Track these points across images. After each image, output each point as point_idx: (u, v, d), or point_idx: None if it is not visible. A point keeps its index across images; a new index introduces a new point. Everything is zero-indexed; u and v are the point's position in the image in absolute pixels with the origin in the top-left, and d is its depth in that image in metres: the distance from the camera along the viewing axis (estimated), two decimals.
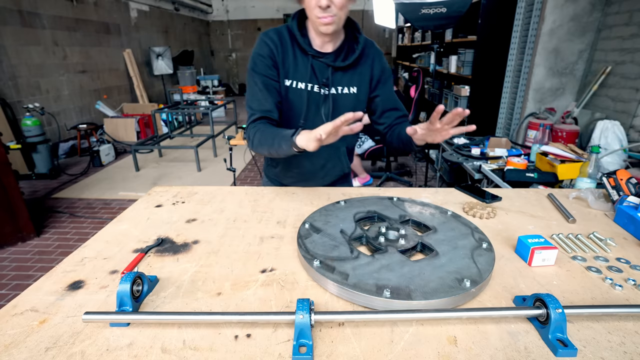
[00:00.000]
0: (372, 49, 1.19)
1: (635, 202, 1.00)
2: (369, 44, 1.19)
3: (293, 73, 1.13)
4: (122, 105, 6.68)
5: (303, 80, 1.13)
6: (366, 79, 1.19)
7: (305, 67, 1.12)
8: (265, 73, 1.11)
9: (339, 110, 1.17)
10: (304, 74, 1.13)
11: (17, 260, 2.64)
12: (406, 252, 0.81)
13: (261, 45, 1.11)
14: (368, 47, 1.18)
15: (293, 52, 1.12)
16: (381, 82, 1.21)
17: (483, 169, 2.29)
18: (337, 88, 1.16)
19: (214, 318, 0.61)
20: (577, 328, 0.61)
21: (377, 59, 1.19)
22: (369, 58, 1.18)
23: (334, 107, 1.17)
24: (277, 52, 1.11)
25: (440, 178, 3.81)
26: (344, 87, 1.16)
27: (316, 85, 1.14)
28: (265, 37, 1.12)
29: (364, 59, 1.17)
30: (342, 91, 1.16)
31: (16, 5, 4.64)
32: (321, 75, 1.13)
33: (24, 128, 4.14)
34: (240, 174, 4.60)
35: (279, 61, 1.12)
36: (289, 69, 1.13)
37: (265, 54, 1.10)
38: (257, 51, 1.12)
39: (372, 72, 1.19)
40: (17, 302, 0.69)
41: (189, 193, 1.24)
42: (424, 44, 5.99)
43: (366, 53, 1.17)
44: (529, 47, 2.80)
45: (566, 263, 0.81)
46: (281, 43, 1.11)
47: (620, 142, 2.19)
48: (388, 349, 0.58)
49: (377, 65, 1.19)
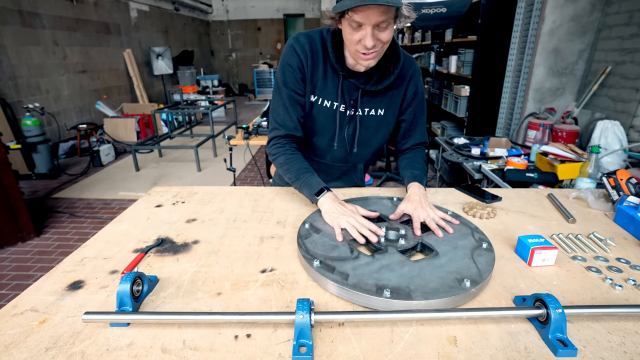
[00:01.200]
0: (411, 69, 1.10)
1: (635, 202, 1.00)
2: (407, 64, 1.09)
3: (321, 90, 1.06)
4: (122, 105, 6.68)
5: (330, 99, 1.07)
6: (397, 101, 1.11)
7: (334, 86, 1.05)
8: (293, 87, 1.05)
9: (362, 131, 1.12)
10: (332, 93, 1.06)
11: (17, 260, 2.64)
12: (406, 252, 0.81)
13: (291, 55, 1.04)
14: (406, 67, 1.09)
15: (324, 67, 1.05)
16: (412, 105, 1.13)
17: (483, 169, 2.29)
18: (364, 110, 1.09)
19: (214, 318, 0.61)
20: (577, 328, 0.61)
21: (413, 80, 1.10)
22: (405, 80, 1.09)
23: (359, 128, 1.11)
24: (307, 65, 1.04)
25: (440, 178, 3.81)
26: (372, 109, 1.10)
27: (342, 105, 1.08)
28: (296, 44, 1.04)
29: (399, 81, 1.09)
30: (368, 113, 1.10)
31: (16, 5, 4.64)
32: (349, 96, 1.07)
33: (24, 128, 4.14)
34: (240, 174, 4.60)
35: (308, 74, 1.05)
36: (317, 84, 1.06)
37: (295, 66, 1.03)
38: (287, 60, 1.04)
39: (406, 95, 1.11)
40: (17, 302, 0.69)
41: (189, 193, 1.24)
42: (424, 44, 5.99)
43: (403, 74, 1.08)
44: (529, 47, 2.80)
45: (566, 263, 0.81)
46: (312, 54, 1.04)
47: (620, 142, 2.19)
48: (388, 349, 0.58)
49: (412, 87, 1.11)
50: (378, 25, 0.86)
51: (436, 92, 4.85)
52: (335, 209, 0.92)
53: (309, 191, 1.01)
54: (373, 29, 0.86)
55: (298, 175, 1.04)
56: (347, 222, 0.88)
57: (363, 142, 1.14)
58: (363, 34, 0.87)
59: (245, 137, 3.21)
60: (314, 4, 11.21)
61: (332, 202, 0.95)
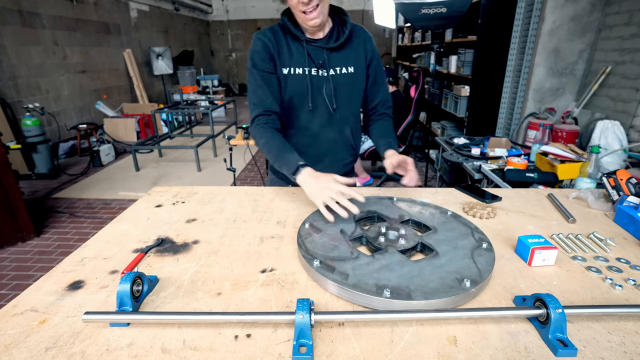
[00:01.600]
0: (362, 32, 1.25)
1: (635, 202, 1.00)
2: (357, 28, 1.24)
3: (289, 60, 1.17)
4: (122, 105, 6.68)
5: (300, 66, 1.17)
6: (361, 58, 1.23)
7: (301, 53, 1.17)
8: (263, 68, 1.16)
9: (339, 90, 1.21)
10: (300, 59, 1.17)
11: (17, 260, 2.64)
12: (406, 252, 0.81)
13: (256, 43, 1.17)
14: (357, 30, 1.24)
15: (286, 42, 1.17)
16: (373, 62, 1.27)
17: (483, 169, 2.29)
18: (335, 69, 1.20)
19: (214, 318, 0.61)
20: (577, 328, 0.61)
21: (369, 42, 1.25)
22: (361, 40, 1.23)
23: (334, 88, 1.21)
24: (272, 45, 1.15)
25: (440, 178, 3.81)
26: (342, 67, 1.20)
27: (314, 68, 1.18)
28: (259, 34, 1.18)
29: (356, 40, 1.22)
30: (340, 71, 1.20)
31: (16, 5, 4.64)
32: (317, 58, 1.18)
33: (24, 128, 4.14)
34: (240, 174, 4.60)
35: (275, 53, 1.16)
36: (285, 57, 1.17)
37: (261, 49, 1.15)
38: (253, 48, 1.18)
39: (366, 53, 1.24)
40: (17, 302, 0.69)
41: (189, 193, 1.24)
42: (424, 44, 5.99)
43: (356, 35, 1.22)
44: (529, 47, 2.80)
45: (566, 263, 0.81)
46: (274, 37, 1.16)
47: (620, 142, 2.19)
48: (388, 349, 0.58)
49: (369, 47, 1.25)
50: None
51: (436, 92, 4.85)
52: (315, 185, 0.98)
53: (287, 169, 1.06)
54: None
55: (277, 155, 1.11)
56: (329, 198, 0.93)
57: (341, 100, 1.24)
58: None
59: (245, 137, 3.21)
60: None
61: (310, 177, 1.00)
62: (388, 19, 5.00)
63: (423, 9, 2.98)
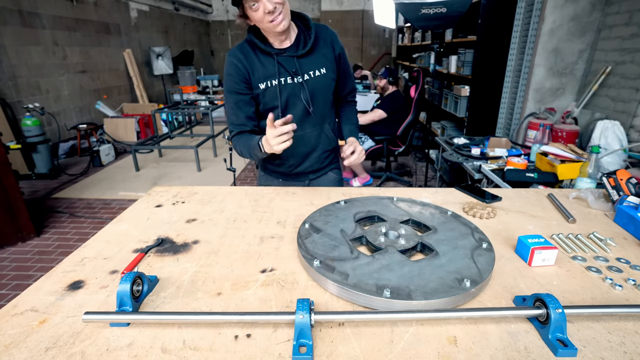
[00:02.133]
0: (326, 31, 1.30)
1: (635, 202, 1.00)
2: (321, 28, 1.30)
3: (264, 75, 1.23)
4: (122, 105, 6.68)
5: (274, 77, 1.23)
6: (329, 57, 1.30)
7: (273, 65, 1.23)
8: (235, 90, 1.24)
9: (316, 92, 1.29)
10: (273, 71, 1.23)
11: (17, 260, 2.64)
12: (406, 252, 0.81)
13: (228, 65, 1.24)
14: (321, 30, 1.29)
15: (258, 58, 1.23)
16: (342, 60, 1.34)
17: (483, 169, 2.29)
18: (309, 73, 1.26)
19: (214, 318, 0.61)
20: (577, 328, 0.61)
21: (336, 42, 1.31)
22: (327, 40, 1.29)
23: (310, 91, 1.27)
24: (244, 65, 1.22)
25: (440, 178, 3.81)
26: (314, 70, 1.27)
27: (288, 77, 1.24)
28: (230, 56, 1.24)
29: (322, 42, 1.28)
30: (314, 74, 1.27)
31: (16, 5, 4.64)
32: (289, 67, 1.23)
33: (24, 128, 4.14)
34: (240, 174, 4.60)
35: (248, 72, 1.23)
36: (260, 73, 1.23)
37: (233, 72, 1.22)
38: (226, 71, 1.25)
39: (334, 51, 1.30)
40: (17, 302, 0.69)
41: (189, 193, 1.24)
42: (424, 44, 5.99)
43: (321, 36, 1.28)
44: (529, 47, 2.80)
45: (566, 263, 0.81)
46: (245, 56, 1.23)
47: (620, 142, 2.19)
48: (388, 349, 0.58)
49: (337, 46, 1.31)
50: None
51: (436, 92, 4.85)
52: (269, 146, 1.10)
53: (258, 152, 1.17)
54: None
55: (247, 149, 1.23)
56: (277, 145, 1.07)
57: (319, 101, 1.32)
58: (261, 4, 1.07)
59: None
60: (314, 4, 11.21)
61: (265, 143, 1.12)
62: (388, 19, 5.00)
63: (423, 9, 2.98)
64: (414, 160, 5.04)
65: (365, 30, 10.43)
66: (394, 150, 3.97)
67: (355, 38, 10.45)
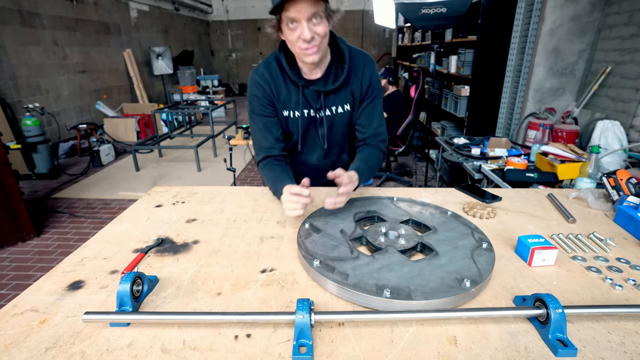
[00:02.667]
0: (361, 61, 1.16)
1: (635, 202, 1.00)
2: (355, 57, 1.16)
3: (288, 104, 1.17)
4: (122, 105, 6.68)
5: (298, 109, 1.17)
6: (357, 92, 1.18)
7: (298, 97, 1.16)
8: (262, 113, 1.17)
9: (334, 129, 1.22)
10: (298, 103, 1.17)
11: (17, 260, 2.64)
12: (406, 252, 0.81)
13: (254, 86, 1.15)
14: (355, 60, 1.16)
15: (285, 84, 1.15)
16: (369, 93, 1.18)
17: (483, 169, 2.29)
18: (331, 109, 1.18)
19: (214, 318, 0.61)
20: (577, 328, 0.61)
21: (367, 71, 1.16)
22: (359, 72, 1.16)
23: (329, 128, 1.21)
24: (271, 88, 1.15)
25: (440, 178, 3.81)
26: (337, 107, 1.19)
27: (311, 110, 1.18)
28: (256, 75, 1.15)
29: (353, 75, 1.16)
30: (335, 111, 1.19)
31: (16, 5, 4.64)
32: (314, 101, 1.17)
33: (24, 128, 4.14)
34: (240, 174, 4.60)
35: (275, 96, 1.16)
36: (285, 101, 1.17)
37: (260, 95, 1.15)
38: (252, 92, 1.16)
39: (361, 87, 1.17)
40: (17, 302, 0.69)
41: (189, 193, 1.24)
42: (424, 44, 5.99)
43: (355, 68, 1.15)
44: (529, 47, 2.80)
45: (566, 263, 0.81)
46: (272, 77, 1.14)
47: (620, 142, 2.19)
48: (388, 349, 0.58)
49: (367, 78, 1.17)
50: (311, 19, 0.95)
51: (436, 92, 4.85)
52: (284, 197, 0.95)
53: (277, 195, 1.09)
54: (308, 23, 0.95)
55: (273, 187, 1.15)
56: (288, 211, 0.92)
57: (336, 137, 1.25)
58: (300, 28, 0.97)
59: (245, 137, 3.21)
60: None
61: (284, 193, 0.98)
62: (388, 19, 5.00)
63: (423, 9, 2.98)
64: (414, 160, 5.04)
65: (366, 30, 10.43)
66: (394, 150, 3.97)
67: (355, 38, 10.45)
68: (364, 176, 1.08)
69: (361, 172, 1.06)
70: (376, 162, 1.19)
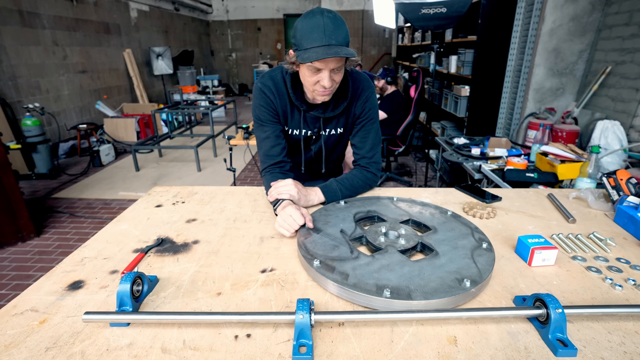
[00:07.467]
0: (360, 86, 1.19)
1: (635, 202, 1.00)
2: (355, 83, 1.18)
3: (290, 122, 1.22)
4: (122, 105, 6.68)
5: (298, 129, 1.23)
6: (350, 118, 1.24)
7: (299, 118, 1.21)
8: (272, 120, 1.19)
9: (327, 146, 1.31)
10: (298, 123, 1.22)
11: (17, 260, 2.64)
12: (406, 252, 0.81)
13: (261, 96, 1.17)
14: (354, 86, 1.18)
15: (290, 103, 1.19)
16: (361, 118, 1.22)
17: (483, 169, 2.29)
18: (327, 130, 1.25)
19: (214, 318, 0.61)
20: (577, 328, 0.61)
21: (363, 95, 1.19)
22: (355, 97, 1.20)
23: (323, 145, 1.28)
24: (275, 102, 1.17)
25: (440, 178, 3.81)
26: (332, 129, 1.25)
27: (309, 131, 1.24)
28: (263, 86, 1.16)
29: (351, 100, 1.20)
30: (329, 132, 1.25)
31: (16, 5, 4.64)
32: (312, 125, 1.23)
33: (24, 128, 4.14)
34: (240, 174, 4.60)
35: (279, 109, 1.19)
36: (287, 117, 1.22)
37: (266, 104, 1.17)
38: (259, 102, 1.18)
39: (355, 111, 1.22)
40: (17, 302, 0.69)
41: (189, 193, 1.24)
42: (424, 44, 5.99)
43: (353, 93, 1.19)
44: (529, 47, 2.80)
45: (566, 263, 0.81)
46: (278, 93, 1.17)
47: (620, 142, 2.19)
48: (388, 349, 0.58)
49: (361, 102, 1.19)
50: (333, 69, 1.00)
51: (436, 92, 4.85)
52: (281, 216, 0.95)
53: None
54: (330, 72, 1.00)
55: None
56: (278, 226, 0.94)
57: (328, 152, 1.34)
58: (321, 77, 1.01)
59: (245, 137, 3.21)
60: (313, 4, 11.21)
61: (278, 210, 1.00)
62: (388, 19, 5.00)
63: (423, 9, 2.98)
64: (414, 160, 5.03)
65: (365, 30, 10.43)
66: (394, 150, 3.97)
67: (355, 38, 10.45)
68: (332, 192, 1.11)
69: (328, 188, 1.12)
70: (360, 183, 1.18)
